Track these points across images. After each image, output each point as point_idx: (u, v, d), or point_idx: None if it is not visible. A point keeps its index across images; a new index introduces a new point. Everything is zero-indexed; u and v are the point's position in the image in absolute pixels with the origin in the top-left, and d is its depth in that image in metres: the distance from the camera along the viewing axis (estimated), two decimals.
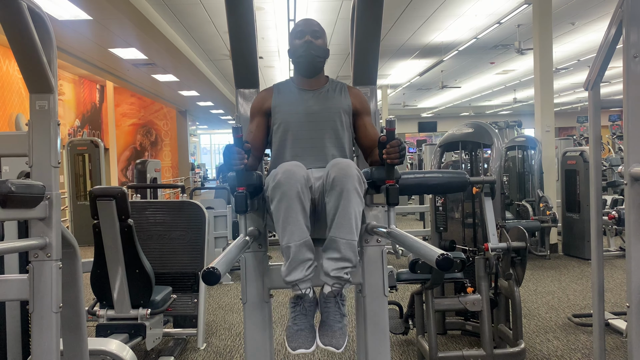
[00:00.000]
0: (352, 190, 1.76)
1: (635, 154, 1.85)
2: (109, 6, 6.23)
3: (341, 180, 1.76)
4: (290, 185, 1.75)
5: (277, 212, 1.78)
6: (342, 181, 1.76)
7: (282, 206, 1.76)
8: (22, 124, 9.32)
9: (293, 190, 1.75)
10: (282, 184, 1.76)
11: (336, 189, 1.77)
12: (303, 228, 1.78)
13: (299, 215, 1.77)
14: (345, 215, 1.77)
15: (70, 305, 1.84)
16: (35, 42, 1.54)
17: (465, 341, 3.61)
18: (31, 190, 1.56)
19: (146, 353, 3.44)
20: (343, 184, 1.76)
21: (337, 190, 1.77)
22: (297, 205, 1.76)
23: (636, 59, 1.85)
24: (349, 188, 1.76)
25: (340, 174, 1.77)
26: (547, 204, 6.30)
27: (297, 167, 1.82)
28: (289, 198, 1.75)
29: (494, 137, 3.48)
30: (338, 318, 1.82)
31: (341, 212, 1.77)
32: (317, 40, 2.13)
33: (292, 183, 1.75)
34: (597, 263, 2.28)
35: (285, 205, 1.76)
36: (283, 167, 1.80)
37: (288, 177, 1.76)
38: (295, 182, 1.76)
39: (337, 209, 1.77)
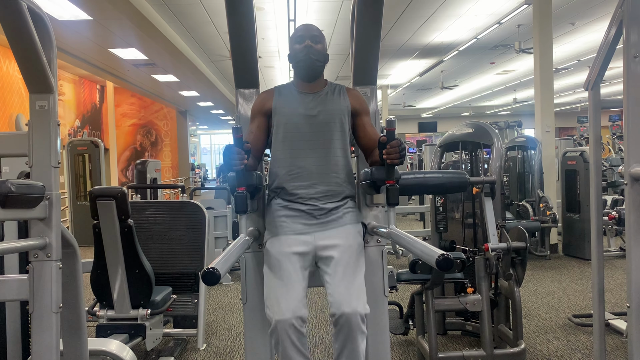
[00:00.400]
0: (358, 334, 1.90)
1: (635, 154, 1.84)
2: (109, 6, 6.23)
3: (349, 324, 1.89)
4: (284, 335, 1.87)
5: (276, 350, 1.93)
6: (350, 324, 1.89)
7: (279, 351, 1.91)
8: (22, 124, 9.32)
9: (287, 341, 1.87)
10: (277, 331, 1.88)
11: (343, 333, 1.90)
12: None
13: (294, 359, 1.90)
14: (354, 356, 1.92)
15: (70, 306, 1.84)
16: (35, 42, 1.54)
17: (465, 341, 3.61)
18: (31, 190, 1.56)
19: (146, 353, 3.44)
20: (350, 329, 1.89)
21: (344, 335, 1.90)
22: (292, 350, 1.89)
23: (636, 59, 1.85)
24: (355, 335, 1.89)
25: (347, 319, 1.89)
26: (547, 204, 6.29)
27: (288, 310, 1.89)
28: (284, 346, 1.88)
29: (494, 137, 3.48)
30: None
31: (349, 354, 1.92)
32: (317, 45, 2.15)
33: (285, 333, 1.87)
34: (598, 263, 2.27)
35: (282, 351, 1.90)
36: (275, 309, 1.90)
37: (282, 327, 1.87)
38: (287, 331, 1.87)
39: (345, 350, 1.92)
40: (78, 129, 12.81)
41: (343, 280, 1.93)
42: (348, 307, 1.88)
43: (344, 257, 1.98)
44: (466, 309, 3.07)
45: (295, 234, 2.03)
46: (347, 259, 1.98)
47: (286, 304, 1.88)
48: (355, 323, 1.88)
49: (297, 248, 2.00)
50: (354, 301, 1.90)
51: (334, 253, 1.99)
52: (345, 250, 2.00)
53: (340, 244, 2.01)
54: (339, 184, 2.10)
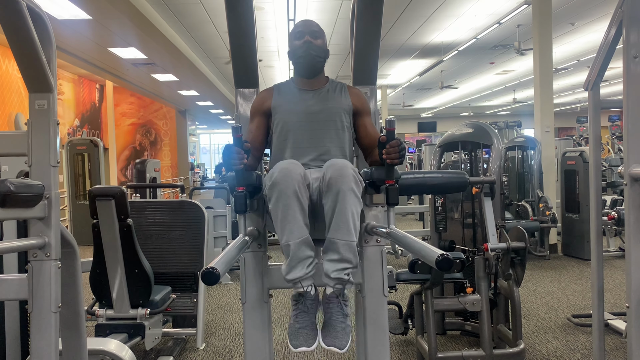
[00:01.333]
0: (348, 191, 1.76)
1: (635, 155, 1.84)
2: (108, 6, 6.22)
3: (337, 181, 1.76)
4: (287, 183, 1.75)
5: (275, 211, 1.78)
6: (338, 182, 1.76)
7: (280, 205, 1.76)
8: (21, 124, 9.31)
9: (290, 189, 1.75)
10: (279, 182, 1.76)
11: (332, 190, 1.77)
12: (302, 226, 1.78)
13: (297, 213, 1.77)
14: (343, 216, 1.77)
15: (69, 305, 1.83)
16: (35, 41, 1.54)
17: (464, 341, 3.61)
18: (30, 189, 1.55)
19: (145, 353, 3.43)
20: (339, 185, 1.76)
21: (334, 192, 1.77)
22: (295, 203, 1.76)
23: (636, 59, 1.85)
24: (345, 189, 1.76)
25: (336, 175, 1.77)
26: (546, 204, 6.30)
27: (294, 165, 1.82)
28: (287, 196, 1.75)
29: (494, 137, 3.48)
30: (341, 318, 1.82)
31: (338, 213, 1.77)
32: (317, 41, 2.13)
33: (289, 181, 1.75)
34: (597, 263, 2.28)
35: (283, 204, 1.76)
36: (280, 166, 1.80)
37: (285, 176, 1.76)
38: (292, 180, 1.75)
39: (335, 210, 1.77)
40: (77, 129, 12.81)
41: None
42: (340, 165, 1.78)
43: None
44: (465, 309, 3.07)
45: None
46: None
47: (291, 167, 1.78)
48: (347, 176, 1.75)
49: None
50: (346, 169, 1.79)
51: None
52: None
53: None
54: None
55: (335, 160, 1.84)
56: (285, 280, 1.83)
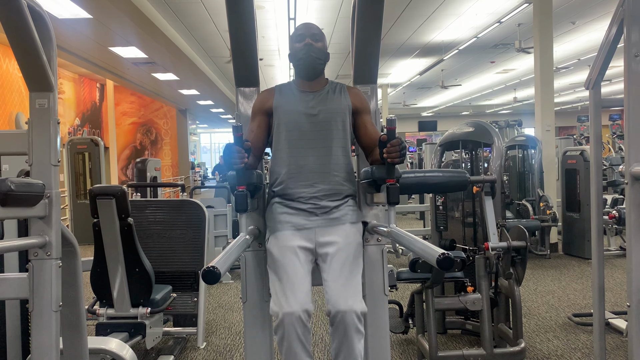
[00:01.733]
0: (354, 333, 1.89)
1: (636, 153, 1.84)
2: (109, 5, 6.22)
3: (344, 323, 1.88)
4: (290, 329, 1.85)
5: (280, 346, 1.92)
6: (345, 323, 1.88)
7: (283, 346, 1.89)
8: (22, 123, 9.31)
9: (293, 335, 1.86)
10: (283, 325, 1.86)
11: (339, 332, 1.90)
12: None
13: (298, 355, 1.89)
14: (351, 356, 1.91)
15: (70, 304, 1.83)
16: (35, 40, 1.54)
17: (465, 340, 3.61)
18: (31, 188, 1.55)
19: (146, 352, 3.44)
20: (346, 328, 1.88)
21: (340, 334, 1.90)
22: (297, 345, 1.88)
23: (637, 58, 1.85)
24: (352, 334, 1.88)
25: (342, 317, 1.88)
26: (547, 203, 6.29)
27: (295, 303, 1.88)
28: (289, 341, 1.87)
29: (495, 136, 3.47)
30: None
31: (346, 353, 1.91)
32: (317, 43, 2.15)
33: (292, 327, 1.85)
34: (598, 262, 2.28)
35: (287, 346, 1.88)
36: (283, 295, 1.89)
37: (289, 321, 1.85)
38: (294, 325, 1.85)
39: (342, 350, 1.91)
40: (78, 128, 12.81)
41: (340, 277, 1.93)
42: (344, 305, 1.88)
43: (342, 254, 1.98)
44: (466, 308, 3.07)
45: (297, 230, 2.03)
46: (344, 257, 1.98)
47: (294, 297, 1.87)
48: (351, 321, 1.87)
49: (300, 242, 2.00)
50: (350, 299, 1.89)
51: (332, 249, 1.99)
52: (343, 247, 1.99)
53: (338, 241, 2.01)
54: (340, 183, 2.10)
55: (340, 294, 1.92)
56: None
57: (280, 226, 2.04)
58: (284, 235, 2.01)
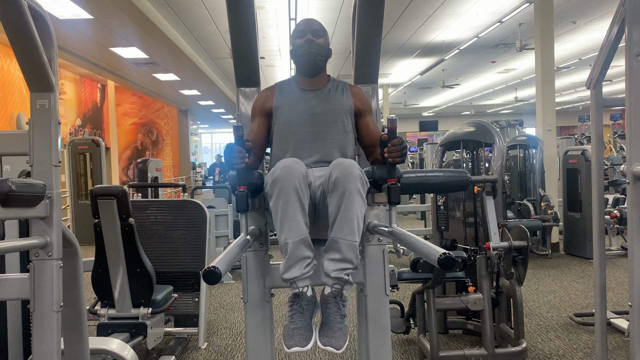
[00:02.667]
0: (354, 191, 1.75)
1: (637, 153, 1.84)
2: (110, 5, 6.23)
3: (343, 181, 1.75)
4: (288, 181, 1.74)
5: (275, 209, 1.77)
6: (345, 182, 1.75)
7: (280, 202, 1.75)
8: (23, 123, 9.32)
9: (291, 186, 1.74)
10: (280, 180, 1.75)
11: (338, 190, 1.76)
12: (301, 225, 1.76)
13: (297, 212, 1.75)
14: (347, 216, 1.76)
15: (71, 305, 1.84)
16: (36, 41, 1.54)
17: (466, 340, 3.60)
18: (32, 189, 1.56)
19: (147, 352, 3.44)
20: (345, 184, 1.75)
21: (340, 191, 1.75)
22: (295, 201, 1.75)
23: (638, 57, 1.84)
24: (351, 189, 1.75)
25: (343, 175, 1.76)
26: (548, 203, 6.29)
27: (296, 163, 1.81)
28: (287, 194, 1.74)
29: (496, 136, 3.47)
30: (338, 319, 1.81)
31: (343, 213, 1.76)
32: (319, 39, 2.12)
33: (290, 179, 1.74)
34: (599, 262, 2.27)
35: (283, 201, 1.74)
36: (281, 164, 1.79)
37: (286, 173, 1.75)
38: (293, 178, 1.74)
39: (339, 210, 1.76)
40: (79, 128, 12.82)
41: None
42: (346, 165, 1.77)
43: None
44: (467, 307, 3.07)
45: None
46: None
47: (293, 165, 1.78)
48: (353, 182, 1.74)
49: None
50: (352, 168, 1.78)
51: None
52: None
53: None
54: None
55: (342, 160, 1.84)
56: (282, 279, 1.82)
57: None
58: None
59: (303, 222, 1.77)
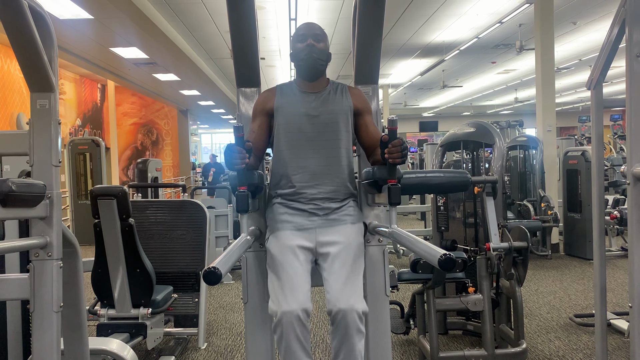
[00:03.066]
0: (355, 332, 1.87)
1: (638, 154, 1.84)
2: (110, 5, 6.23)
3: (345, 321, 1.86)
4: (289, 328, 1.83)
5: (279, 345, 1.89)
6: (346, 322, 1.86)
7: (282, 346, 1.87)
8: (23, 123, 9.32)
9: (292, 334, 1.84)
10: (282, 323, 1.84)
11: (340, 331, 1.88)
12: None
13: (297, 353, 1.87)
14: (351, 355, 1.89)
15: (70, 305, 1.83)
16: (36, 41, 1.54)
17: (466, 341, 3.60)
18: (32, 189, 1.55)
19: (147, 352, 3.44)
20: (347, 326, 1.86)
21: (341, 333, 1.88)
22: (296, 344, 1.85)
23: (639, 58, 1.84)
24: (352, 333, 1.87)
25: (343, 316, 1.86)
26: (548, 204, 6.29)
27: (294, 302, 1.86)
28: (288, 340, 1.84)
29: (496, 137, 3.47)
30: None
31: (346, 353, 1.89)
32: (319, 44, 2.14)
33: (290, 326, 1.83)
34: (599, 263, 2.27)
35: (285, 345, 1.86)
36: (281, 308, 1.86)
37: (288, 319, 1.83)
38: (293, 324, 1.83)
39: (342, 349, 1.89)
40: (79, 128, 12.82)
41: (340, 276, 1.92)
42: (345, 304, 1.86)
43: (343, 254, 1.97)
44: (467, 308, 3.06)
45: (297, 230, 2.02)
46: (345, 256, 1.97)
47: (293, 296, 1.85)
48: (352, 320, 1.86)
49: (300, 242, 1.99)
50: (351, 298, 1.88)
51: (333, 249, 1.98)
52: (344, 247, 1.99)
53: (340, 241, 2.00)
54: (341, 183, 2.10)
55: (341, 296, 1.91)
56: None
57: (280, 226, 2.04)
58: (284, 235, 2.01)
59: (304, 357, 1.89)
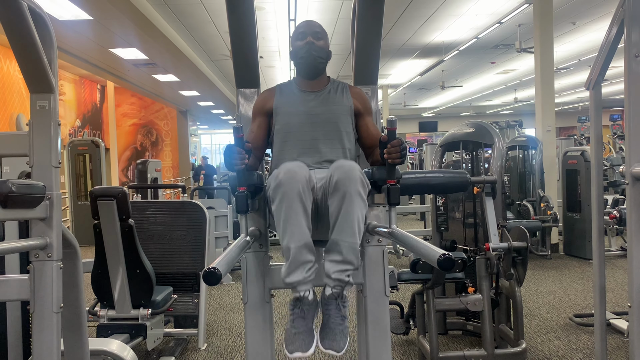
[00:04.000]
0: (355, 194, 1.75)
1: (637, 154, 1.84)
2: (109, 6, 6.23)
3: (344, 183, 1.75)
4: (292, 185, 1.73)
5: (278, 213, 1.77)
6: (346, 184, 1.75)
7: (283, 207, 1.75)
8: (22, 124, 9.32)
9: (294, 191, 1.73)
10: (284, 184, 1.74)
11: (339, 192, 1.75)
12: (304, 229, 1.76)
13: (300, 216, 1.75)
14: (348, 218, 1.75)
15: (70, 306, 1.84)
16: (36, 42, 1.54)
17: (466, 341, 3.60)
18: (32, 190, 1.56)
19: (147, 353, 3.44)
20: (346, 186, 1.75)
21: (340, 193, 1.75)
22: (299, 206, 1.74)
23: (637, 58, 1.84)
24: (351, 191, 1.75)
25: (344, 177, 1.76)
26: (548, 204, 6.29)
27: (299, 167, 1.80)
28: (290, 199, 1.73)
29: (495, 137, 3.47)
30: (339, 320, 1.81)
31: (344, 215, 1.76)
32: (319, 42, 2.13)
33: (294, 183, 1.74)
34: (599, 263, 2.27)
35: (287, 206, 1.74)
36: (285, 167, 1.79)
37: (290, 178, 1.74)
38: (296, 183, 1.74)
39: (340, 212, 1.76)
40: (79, 129, 12.82)
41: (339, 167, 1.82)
42: (347, 167, 1.77)
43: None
44: (467, 308, 3.07)
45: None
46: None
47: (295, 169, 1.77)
48: (353, 185, 1.74)
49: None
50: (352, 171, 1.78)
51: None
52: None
53: None
54: None
55: (343, 162, 1.83)
56: (284, 283, 1.81)
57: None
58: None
59: (306, 226, 1.76)
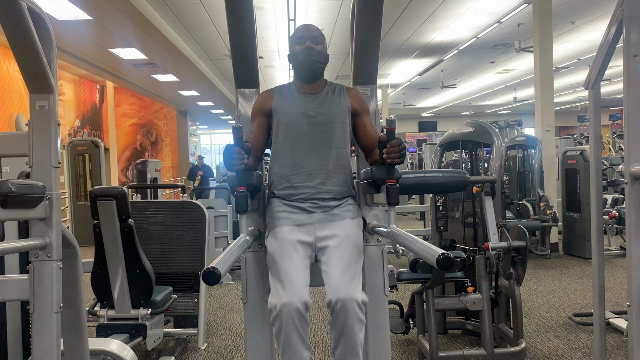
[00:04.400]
0: (355, 322, 1.87)
1: (635, 153, 1.84)
2: (109, 6, 6.23)
3: (345, 315, 1.85)
4: (288, 320, 1.83)
5: (277, 338, 1.90)
6: (346, 315, 1.85)
7: (280, 336, 1.87)
8: (22, 124, 9.31)
9: (291, 326, 1.83)
10: (281, 315, 1.83)
11: (339, 321, 1.86)
12: (302, 354, 1.88)
13: (296, 346, 1.86)
14: (351, 345, 1.89)
15: (70, 306, 1.84)
16: (35, 42, 1.54)
17: (465, 340, 3.61)
18: (31, 190, 1.56)
19: (147, 353, 3.44)
20: (347, 317, 1.85)
21: (341, 322, 1.86)
22: (295, 337, 1.85)
23: (636, 57, 1.85)
24: (352, 322, 1.86)
25: (343, 308, 1.85)
26: (547, 203, 6.29)
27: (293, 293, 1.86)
28: (287, 332, 1.84)
29: (495, 137, 3.47)
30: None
31: (346, 341, 1.88)
32: (317, 46, 2.15)
33: (290, 317, 1.83)
34: (598, 262, 2.28)
35: (284, 336, 1.85)
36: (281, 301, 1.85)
37: (287, 311, 1.83)
38: (292, 315, 1.83)
39: (342, 337, 1.88)
40: (78, 129, 12.82)
41: (339, 266, 1.91)
42: (344, 293, 1.85)
43: (342, 246, 1.97)
44: (467, 308, 3.07)
45: (296, 225, 2.02)
46: (344, 248, 1.97)
47: (292, 289, 1.85)
48: (352, 309, 1.84)
49: (299, 236, 1.99)
50: (351, 287, 1.87)
51: (332, 242, 1.98)
52: (343, 239, 1.99)
53: (339, 234, 2.00)
54: (339, 184, 2.11)
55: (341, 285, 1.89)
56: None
57: (279, 222, 2.04)
58: (283, 230, 2.01)
59: (303, 350, 1.88)
